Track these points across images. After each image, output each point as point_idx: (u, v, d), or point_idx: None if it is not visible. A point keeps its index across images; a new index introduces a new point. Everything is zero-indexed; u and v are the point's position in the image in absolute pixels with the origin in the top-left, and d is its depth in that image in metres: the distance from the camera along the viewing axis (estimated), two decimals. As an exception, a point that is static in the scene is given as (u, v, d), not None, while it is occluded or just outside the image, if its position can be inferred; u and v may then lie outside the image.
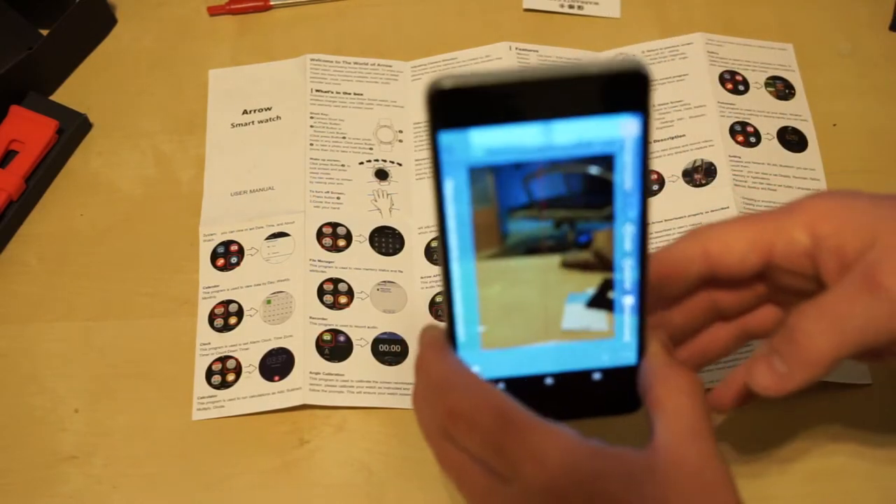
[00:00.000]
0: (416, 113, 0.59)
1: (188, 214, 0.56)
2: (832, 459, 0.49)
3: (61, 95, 0.60)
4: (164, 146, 0.59)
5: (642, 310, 0.35)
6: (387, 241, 0.55)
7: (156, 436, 0.50)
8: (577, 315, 0.34)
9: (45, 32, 0.59)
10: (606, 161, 0.31)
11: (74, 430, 0.50)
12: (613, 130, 0.30)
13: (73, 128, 0.58)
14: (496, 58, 0.60)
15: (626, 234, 0.33)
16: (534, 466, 0.32)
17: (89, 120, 0.59)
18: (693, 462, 0.33)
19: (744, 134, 0.57)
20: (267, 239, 0.55)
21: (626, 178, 0.32)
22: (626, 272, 0.34)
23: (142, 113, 0.60)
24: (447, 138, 0.31)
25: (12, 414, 0.51)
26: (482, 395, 0.33)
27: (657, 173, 0.56)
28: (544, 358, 0.35)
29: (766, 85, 0.59)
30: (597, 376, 0.36)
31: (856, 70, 0.60)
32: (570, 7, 0.62)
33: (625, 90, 0.30)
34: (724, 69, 0.60)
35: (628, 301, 0.34)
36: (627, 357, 0.35)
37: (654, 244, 0.54)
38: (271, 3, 0.63)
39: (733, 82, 0.59)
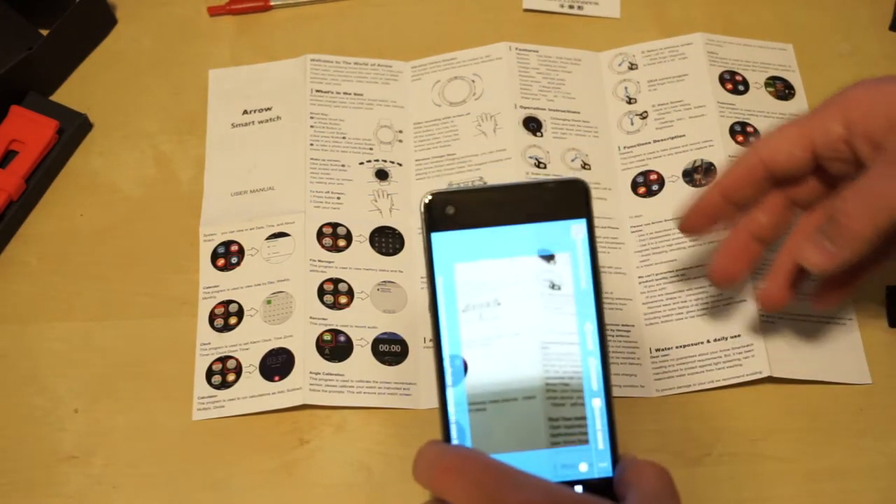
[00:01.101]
0: (417, 113, 0.59)
1: (188, 214, 0.56)
2: (832, 459, 0.49)
3: (61, 95, 0.60)
4: (164, 146, 0.59)
5: (612, 412, 0.37)
6: (387, 241, 0.55)
7: (156, 436, 0.50)
8: (556, 422, 0.36)
9: (45, 32, 0.59)
10: (565, 261, 0.37)
11: (74, 430, 0.50)
12: (567, 234, 0.36)
13: (73, 128, 0.58)
14: (496, 57, 0.60)
15: (587, 332, 0.36)
16: (517, 498, 0.33)
17: (89, 120, 0.59)
18: None
19: (744, 134, 0.57)
20: (267, 239, 0.55)
21: (581, 277, 0.36)
22: (592, 372, 0.37)
23: (142, 113, 0.60)
24: (437, 238, 0.36)
25: (12, 414, 0.51)
26: (471, 452, 0.34)
27: (657, 173, 0.56)
28: (528, 466, 0.36)
29: (766, 85, 0.59)
30: (578, 489, 0.37)
31: (856, 70, 0.60)
32: (570, 7, 0.62)
33: (571, 199, 0.36)
34: (725, 69, 0.60)
35: (597, 403, 0.37)
36: (604, 468, 0.37)
37: (655, 245, 0.54)
38: (271, 3, 0.63)
39: (733, 82, 0.59)
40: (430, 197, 0.36)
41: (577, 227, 0.37)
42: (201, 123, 0.59)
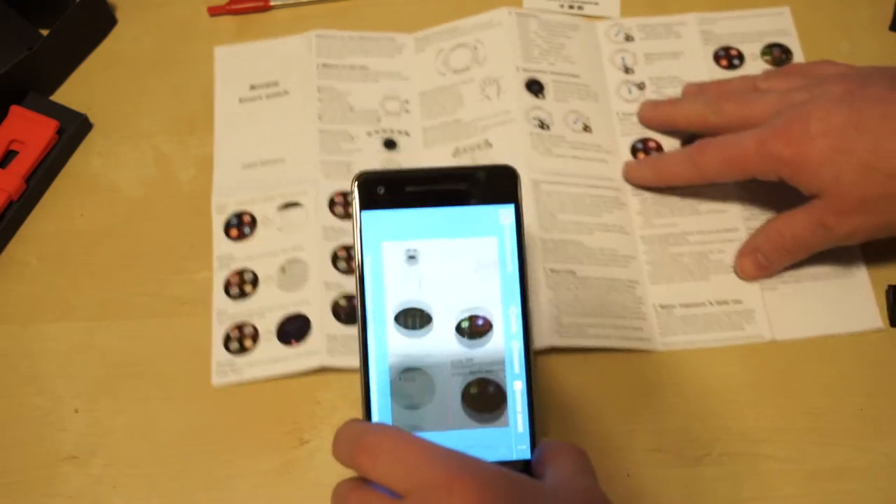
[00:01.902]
0: (422, 83, 0.60)
1: (188, 214, 0.56)
2: (832, 459, 0.49)
3: (61, 95, 0.60)
4: (164, 146, 0.59)
5: (532, 396, 0.37)
6: None
7: (156, 436, 0.50)
8: (476, 403, 0.37)
9: (45, 32, 0.59)
10: (491, 245, 0.38)
11: (74, 430, 0.50)
12: (496, 218, 0.38)
13: (74, 128, 0.58)
14: (497, 23, 0.61)
15: (511, 315, 0.38)
16: (431, 467, 0.33)
17: (89, 120, 0.59)
18: (580, 489, 0.36)
19: None
20: (279, 209, 0.55)
21: (507, 262, 0.38)
22: (515, 355, 0.38)
23: (142, 113, 0.60)
24: (366, 216, 0.38)
25: (12, 414, 0.51)
26: (389, 428, 0.35)
27: (655, 141, 0.58)
28: (447, 444, 0.36)
29: (763, 54, 0.60)
30: None
31: (856, 70, 0.60)
32: (570, 7, 0.62)
33: (502, 185, 0.38)
34: (719, 46, 0.60)
35: (518, 386, 0.37)
36: (522, 451, 0.38)
37: (657, 209, 0.54)
38: (271, 3, 0.63)
39: (728, 58, 0.60)
40: (361, 177, 0.38)
41: (506, 211, 0.38)
42: (202, 123, 0.59)
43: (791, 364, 0.51)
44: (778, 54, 0.60)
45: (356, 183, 0.38)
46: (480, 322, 0.38)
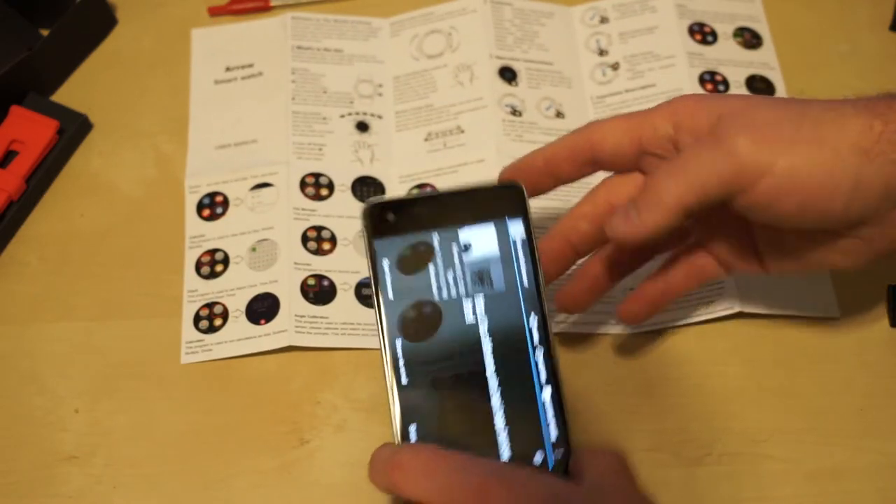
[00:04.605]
0: (395, 68, 0.61)
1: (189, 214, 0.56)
2: (832, 459, 0.49)
3: (61, 95, 0.60)
4: (164, 146, 0.59)
5: (561, 400, 0.37)
6: (368, 190, 0.56)
7: (156, 436, 0.50)
8: (508, 414, 0.37)
9: (45, 32, 0.59)
10: (508, 260, 0.38)
11: (74, 430, 0.50)
12: (506, 233, 0.38)
13: (74, 128, 0.58)
14: (471, 10, 0.61)
15: (532, 326, 0.38)
16: (463, 478, 0.33)
17: (89, 120, 0.59)
18: (619, 492, 0.35)
19: (713, 82, 0.59)
20: (251, 189, 0.56)
21: (523, 274, 0.38)
22: (540, 364, 0.37)
23: (142, 113, 0.60)
24: (379, 244, 0.38)
25: (12, 414, 0.51)
26: (420, 446, 0.36)
27: None
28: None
29: (735, 35, 0.61)
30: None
31: (856, 70, 0.60)
32: None
33: (509, 201, 0.38)
34: (694, 21, 0.61)
35: (547, 393, 0.37)
36: (557, 456, 0.37)
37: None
38: (271, 3, 0.63)
39: (702, 33, 0.61)
40: (370, 206, 0.38)
41: (515, 226, 0.38)
42: (201, 123, 0.59)
43: (791, 364, 0.51)
44: (749, 37, 0.61)
45: (366, 211, 0.38)
46: (502, 340, 0.38)
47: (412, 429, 0.37)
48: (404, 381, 0.37)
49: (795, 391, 0.51)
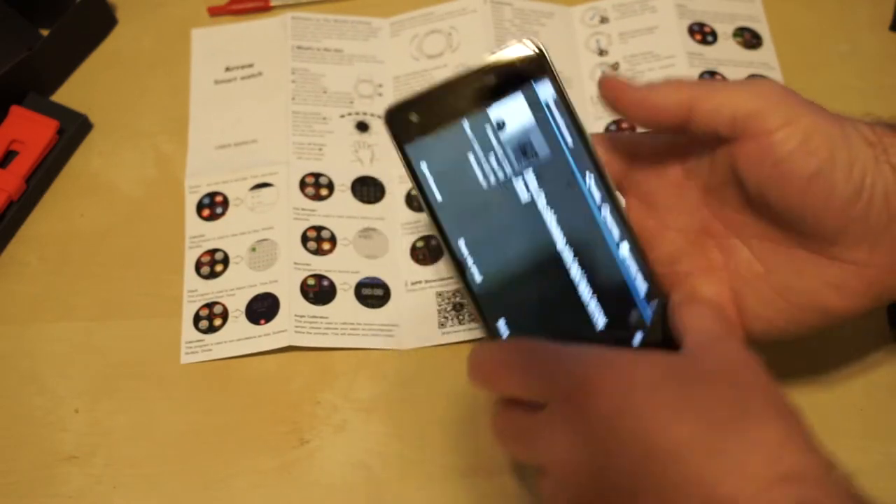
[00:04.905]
0: (395, 68, 0.61)
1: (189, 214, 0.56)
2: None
3: (61, 95, 0.60)
4: (164, 146, 0.59)
5: (641, 251, 0.36)
6: (368, 189, 0.56)
7: (156, 436, 0.50)
8: (592, 283, 0.36)
9: (45, 32, 0.59)
10: (547, 125, 0.37)
11: (74, 430, 0.50)
12: (536, 98, 0.37)
13: (74, 128, 0.58)
14: (471, 10, 0.61)
15: (590, 183, 0.36)
16: (565, 371, 0.32)
17: (89, 120, 0.59)
18: (727, 357, 0.34)
19: None
20: (251, 189, 0.56)
21: (565, 134, 0.36)
22: (609, 220, 0.36)
23: (142, 113, 0.60)
24: (411, 149, 0.36)
25: (12, 414, 0.51)
26: (514, 341, 0.35)
27: (630, 123, 0.58)
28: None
29: (734, 35, 0.61)
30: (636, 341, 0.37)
31: (856, 70, 0.60)
32: None
33: (530, 63, 0.37)
34: (694, 21, 0.61)
35: (625, 248, 0.36)
36: (650, 310, 0.36)
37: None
38: (271, 3, 0.63)
39: (702, 33, 0.61)
40: (391, 110, 0.36)
41: (543, 88, 0.37)
42: (201, 123, 0.59)
43: (790, 364, 0.51)
44: (749, 37, 0.61)
45: (386, 119, 0.36)
46: (564, 208, 0.36)
47: (501, 324, 0.36)
48: (478, 279, 0.36)
49: (795, 391, 0.51)
